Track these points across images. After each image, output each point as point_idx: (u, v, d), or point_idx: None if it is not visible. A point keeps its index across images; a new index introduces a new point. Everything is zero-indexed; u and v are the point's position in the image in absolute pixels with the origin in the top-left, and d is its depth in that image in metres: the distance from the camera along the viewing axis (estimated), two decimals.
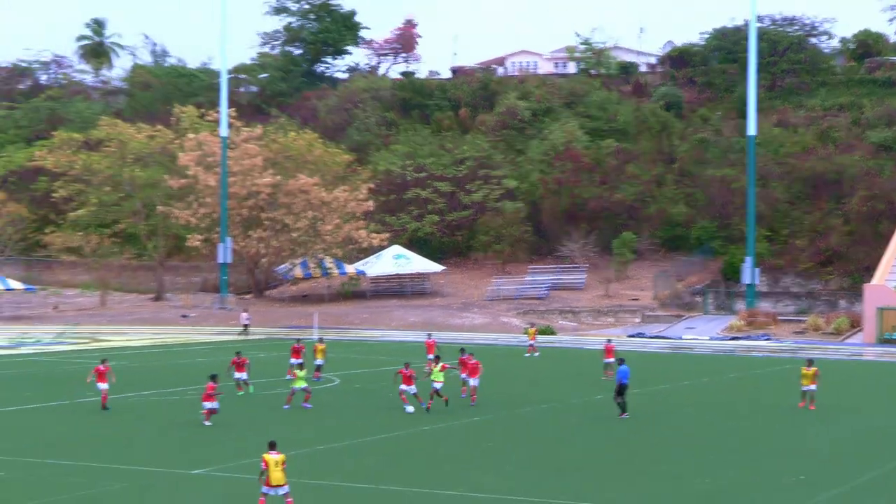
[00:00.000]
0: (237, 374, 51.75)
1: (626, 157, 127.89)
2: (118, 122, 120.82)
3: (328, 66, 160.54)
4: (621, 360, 47.22)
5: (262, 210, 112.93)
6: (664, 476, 34.58)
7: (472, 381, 50.02)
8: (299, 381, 47.47)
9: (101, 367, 46.66)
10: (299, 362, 56.10)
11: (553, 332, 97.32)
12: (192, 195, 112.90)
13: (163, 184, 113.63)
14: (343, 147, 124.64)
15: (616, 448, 39.55)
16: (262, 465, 27.76)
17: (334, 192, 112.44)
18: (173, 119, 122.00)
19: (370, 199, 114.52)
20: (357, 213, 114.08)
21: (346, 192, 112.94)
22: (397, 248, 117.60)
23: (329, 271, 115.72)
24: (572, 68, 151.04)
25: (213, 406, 42.51)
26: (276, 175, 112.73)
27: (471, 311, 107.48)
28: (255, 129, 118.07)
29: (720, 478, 34.35)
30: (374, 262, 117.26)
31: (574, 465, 36.06)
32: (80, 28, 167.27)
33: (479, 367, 50.18)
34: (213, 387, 42.58)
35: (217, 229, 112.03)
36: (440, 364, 47.48)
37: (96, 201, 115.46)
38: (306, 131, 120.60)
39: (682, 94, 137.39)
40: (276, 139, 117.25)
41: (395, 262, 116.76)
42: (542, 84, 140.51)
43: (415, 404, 46.13)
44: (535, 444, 40.16)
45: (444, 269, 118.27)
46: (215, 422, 43.23)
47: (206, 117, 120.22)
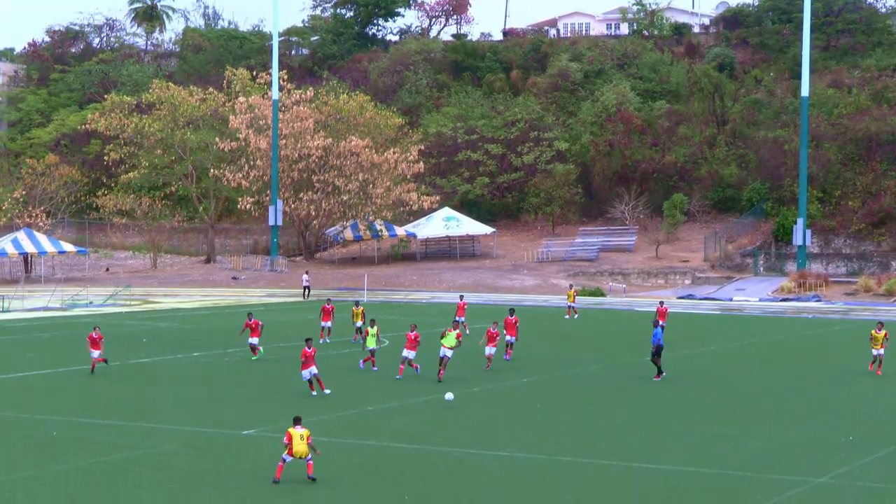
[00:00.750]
0: (251, 339, 50.65)
1: (678, 118, 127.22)
2: (170, 85, 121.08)
3: (380, 28, 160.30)
4: (656, 322, 47.02)
5: (313, 172, 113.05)
6: (717, 436, 34.46)
7: (509, 338, 50.61)
8: (371, 342, 46.89)
9: (94, 334, 46.00)
10: (329, 325, 56.94)
11: (602, 294, 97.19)
12: (243, 158, 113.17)
13: (214, 147, 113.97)
14: (394, 109, 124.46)
15: (666, 409, 39.43)
16: (286, 438, 27.72)
17: (385, 154, 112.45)
18: (224, 82, 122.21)
19: (421, 162, 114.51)
20: (408, 176, 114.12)
21: (396, 155, 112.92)
22: (447, 211, 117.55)
23: (379, 233, 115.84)
24: (625, 29, 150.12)
25: (311, 373, 40.44)
26: (327, 137, 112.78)
27: (520, 272, 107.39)
28: (307, 92, 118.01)
29: (772, 438, 34.19)
30: (425, 225, 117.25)
31: (625, 426, 35.98)
32: None
33: (517, 324, 50.85)
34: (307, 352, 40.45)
35: (268, 192, 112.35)
36: (456, 331, 44.70)
37: (148, 164, 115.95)
38: (357, 94, 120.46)
39: (734, 54, 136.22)
40: (327, 102, 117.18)
41: (446, 225, 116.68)
42: (594, 45, 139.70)
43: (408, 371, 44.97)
44: (584, 405, 40.11)
45: (494, 232, 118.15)
46: (262, 383, 43.50)
47: (258, 80, 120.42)
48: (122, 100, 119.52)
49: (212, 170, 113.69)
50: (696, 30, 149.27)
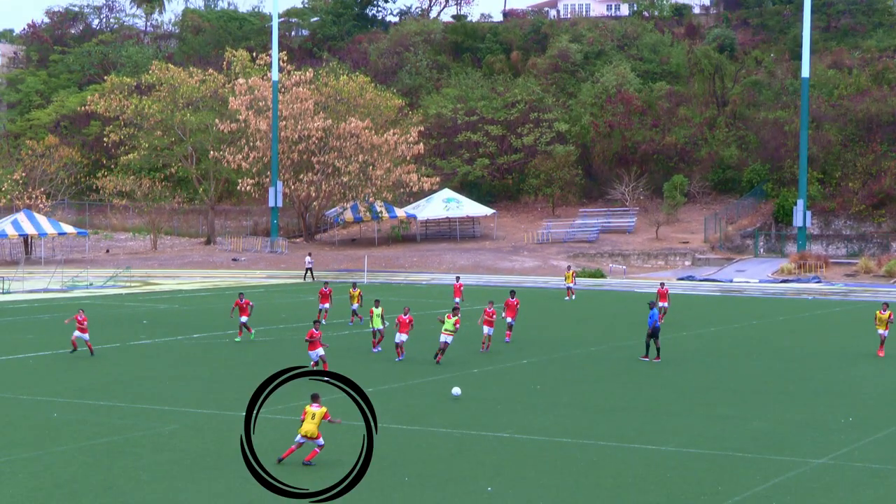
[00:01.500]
0: (242, 318, 50.64)
1: (678, 99, 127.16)
2: (169, 66, 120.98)
3: (379, 9, 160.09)
4: (652, 304, 46.82)
5: (313, 154, 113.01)
6: (717, 418, 34.48)
7: (509, 320, 50.61)
8: (376, 321, 46.92)
9: (80, 316, 45.43)
10: (326, 307, 56.87)
11: (602, 275, 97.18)
12: (243, 139, 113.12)
13: (214, 128, 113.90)
14: (394, 91, 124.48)
15: (665, 390, 39.45)
16: (302, 415, 27.86)
17: (385, 135, 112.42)
18: (224, 63, 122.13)
19: (421, 143, 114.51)
20: (408, 157, 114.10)
21: (396, 136, 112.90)
22: (448, 192, 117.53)
23: (379, 215, 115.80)
24: (625, 10, 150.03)
25: (318, 354, 40.17)
26: (327, 119, 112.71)
27: (521, 254, 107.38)
28: (306, 73, 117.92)
29: (772, 419, 34.21)
30: (425, 206, 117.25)
31: (625, 407, 36.01)
32: None
33: (517, 306, 50.86)
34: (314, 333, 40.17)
35: (268, 173, 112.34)
36: (455, 317, 43.90)
37: (147, 146, 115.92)
38: (357, 75, 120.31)
39: (735, 35, 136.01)
40: (327, 83, 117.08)
41: (446, 206, 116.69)
42: (594, 27, 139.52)
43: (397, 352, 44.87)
44: (584, 386, 40.12)
45: (494, 213, 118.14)
46: (262, 364, 43.51)
47: (258, 61, 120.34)
48: (122, 81, 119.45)
49: (212, 151, 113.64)
50: (696, 10, 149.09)
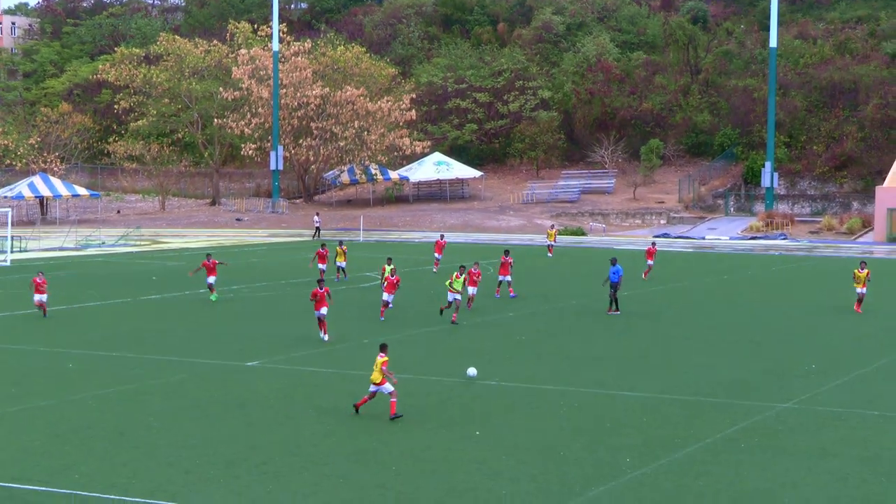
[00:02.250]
0: (208, 279, 48.86)
1: (654, 68, 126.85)
2: (176, 37, 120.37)
3: None
4: (614, 260, 46.47)
5: (312, 120, 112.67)
6: (690, 366, 34.56)
7: (502, 278, 50.39)
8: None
9: (38, 279, 44.16)
10: (323, 268, 54.96)
11: (583, 234, 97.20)
12: (245, 106, 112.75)
13: (218, 96, 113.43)
14: (387, 60, 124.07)
15: (642, 341, 39.53)
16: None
17: (379, 102, 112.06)
18: (228, 35, 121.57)
19: (413, 110, 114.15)
20: (400, 123, 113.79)
21: (390, 103, 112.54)
22: (438, 156, 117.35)
23: (374, 177, 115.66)
24: None
25: (321, 313, 38.30)
26: (325, 87, 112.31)
27: (507, 213, 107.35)
28: (305, 44, 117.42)
29: (741, 367, 34.30)
30: (417, 169, 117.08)
31: (604, 356, 36.07)
32: None
33: (511, 265, 50.45)
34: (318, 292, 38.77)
35: (269, 138, 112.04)
36: (464, 275, 42.99)
37: (156, 112, 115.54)
38: (353, 46, 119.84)
39: (707, 8, 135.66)
40: (324, 53, 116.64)
41: (436, 169, 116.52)
42: (575, 0, 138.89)
43: (387, 313, 43.50)
44: (566, 338, 40.15)
45: (482, 175, 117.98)
46: (264, 318, 43.50)
47: (259, 33, 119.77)
48: (131, 52, 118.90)
49: (216, 118, 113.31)
50: None
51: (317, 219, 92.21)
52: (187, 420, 26.98)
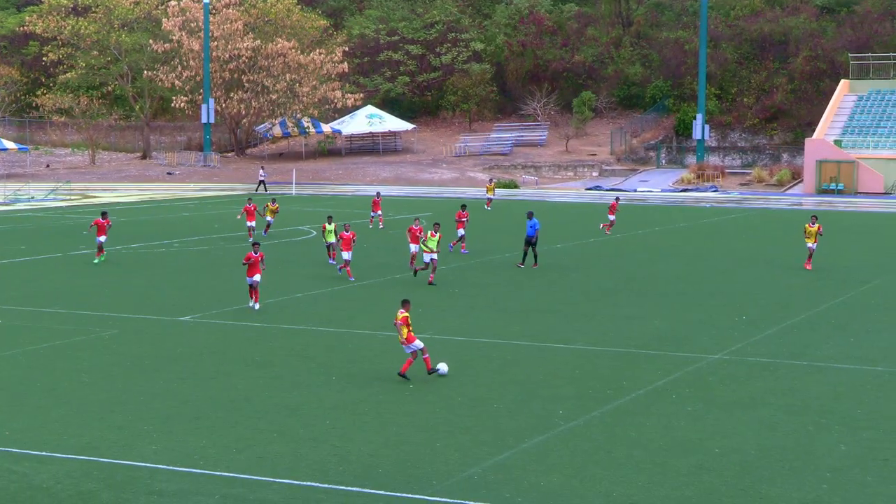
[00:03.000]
0: (99, 237, 46.67)
1: (586, 20, 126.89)
2: None
3: None
4: (530, 214, 46.02)
5: (243, 73, 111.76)
6: (623, 318, 34.80)
7: (460, 232, 50.16)
8: (330, 236, 44.49)
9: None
10: (252, 225, 53.91)
11: (516, 186, 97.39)
12: (176, 59, 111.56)
13: (148, 48, 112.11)
14: (319, 12, 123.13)
15: (575, 293, 39.74)
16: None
17: (311, 55, 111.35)
18: None
19: (345, 62, 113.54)
20: (332, 76, 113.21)
21: (322, 56, 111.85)
22: (371, 108, 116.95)
23: (306, 130, 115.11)
24: None
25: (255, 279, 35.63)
26: (256, 39, 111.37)
27: (439, 167, 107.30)
28: None
29: (673, 319, 34.61)
30: (349, 122, 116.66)
31: (536, 309, 36.22)
32: None
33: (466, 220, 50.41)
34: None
35: (200, 91, 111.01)
36: (438, 234, 41.41)
37: (85, 65, 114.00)
38: None
39: None
40: (255, 4, 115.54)
41: (369, 122, 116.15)
42: None
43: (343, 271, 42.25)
44: (499, 289, 40.24)
45: (414, 128, 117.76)
46: (196, 272, 43.25)
47: None
48: (59, 3, 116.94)
49: (146, 70, 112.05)
50: None
51: (262, 172, 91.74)
52: (120, 376, 26.81)
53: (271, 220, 56.46)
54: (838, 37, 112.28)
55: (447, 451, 21.01)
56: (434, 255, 41.05)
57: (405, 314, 26.39)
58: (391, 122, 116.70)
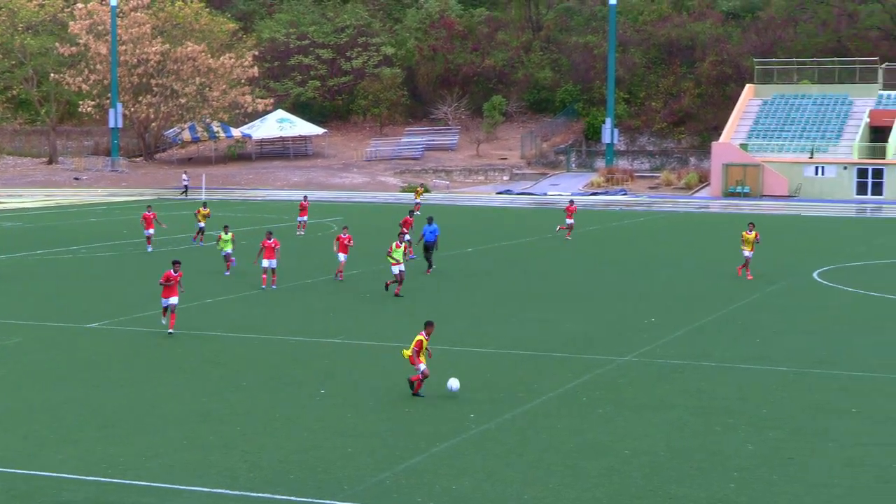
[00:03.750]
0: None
1: (497, 25, 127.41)
2: None
3: None
4: (430, 219, 45.94)
5: (152, 77, 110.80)
6: (534, 321, 34.94)
7: (407, 237, 49.15)
8: (226, 245, 44.09)
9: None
10: (151, 233, 51.64)
11: (427, 190, 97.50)
12: (83, 63, 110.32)
13: (54, 52, 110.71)
14: (228, 16, 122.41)
15: (487, 296, 39.83)
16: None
17: (221, 59, 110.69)
18: None
19: (255, 66, 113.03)
20: (242, 80, 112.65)
21: (231, 60, 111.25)
22: (281, 113, 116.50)
23: (216, 135, 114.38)
24: None
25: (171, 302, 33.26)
26: (165, 43, 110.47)
27: (350, 171, 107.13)
28: None
29: (583, 322, 34.82)
30: (259, 126, 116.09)
31: (448, 313, 36.18)
32: None
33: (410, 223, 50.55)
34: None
35: (108, 95, 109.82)
36: (403, 245, 40.60)
37: None
38: (191, 0, 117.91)
39: None
40: (163, 8, 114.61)
41: (279, 126, 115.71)
42: None
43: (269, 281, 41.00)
44: (409, 294, 40.15)
45: (325, 132, 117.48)
46: (104, 279, 42.76)
47: None
48: None
49: (52, 74, 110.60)
50: None
51: (185, 177, 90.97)
52: (25, 384, 26.38)
53: (203, 224, 54.95)
54: (743, 42, 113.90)
55: (358, 455, 20.95)
56: (402, 267, 39.94)
57: (419, 338, 25.54)
58: (302, 127, 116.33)
